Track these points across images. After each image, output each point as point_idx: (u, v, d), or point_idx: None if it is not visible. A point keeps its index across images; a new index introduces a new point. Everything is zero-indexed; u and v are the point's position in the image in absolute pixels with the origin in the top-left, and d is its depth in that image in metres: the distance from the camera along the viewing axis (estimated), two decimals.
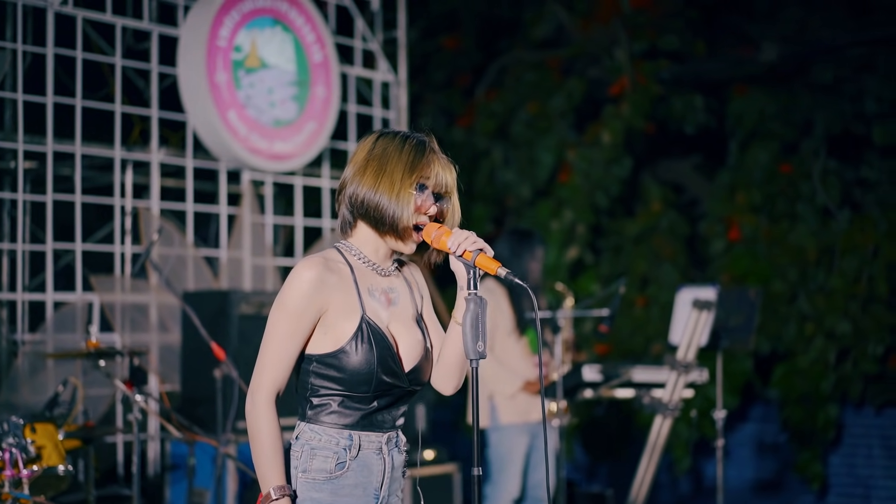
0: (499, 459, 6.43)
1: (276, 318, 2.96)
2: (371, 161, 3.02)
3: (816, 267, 8.74)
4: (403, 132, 3.10)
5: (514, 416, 6.37)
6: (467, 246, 2.93)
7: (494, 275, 2.94)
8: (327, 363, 2.97)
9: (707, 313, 6.18)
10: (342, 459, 2.98)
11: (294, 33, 7.34)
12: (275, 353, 2.96)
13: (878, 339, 8.28)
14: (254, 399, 2.95)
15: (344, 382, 2.97)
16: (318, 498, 2.97)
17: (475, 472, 2.90)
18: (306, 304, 2.95)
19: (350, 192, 3.04)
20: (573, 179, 9.47)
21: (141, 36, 7.05)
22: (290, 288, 2.96)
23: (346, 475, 2.98)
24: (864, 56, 9.01)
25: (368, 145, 3.06)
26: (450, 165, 3.10)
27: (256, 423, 2.93)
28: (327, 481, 2.97)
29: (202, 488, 5.99)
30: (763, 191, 9.13)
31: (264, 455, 2.92)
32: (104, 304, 6.50)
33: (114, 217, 6.71)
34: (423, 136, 3.09)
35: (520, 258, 6.43)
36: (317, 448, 2.98)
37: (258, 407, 2.93)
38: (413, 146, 3.04)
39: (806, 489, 8.52)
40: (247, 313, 6.25)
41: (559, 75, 10.02)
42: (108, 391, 6.25)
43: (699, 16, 9.79)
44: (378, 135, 3.09)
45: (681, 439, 8.67)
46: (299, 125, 7.33)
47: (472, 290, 2.92)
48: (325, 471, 2.97)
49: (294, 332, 2.96)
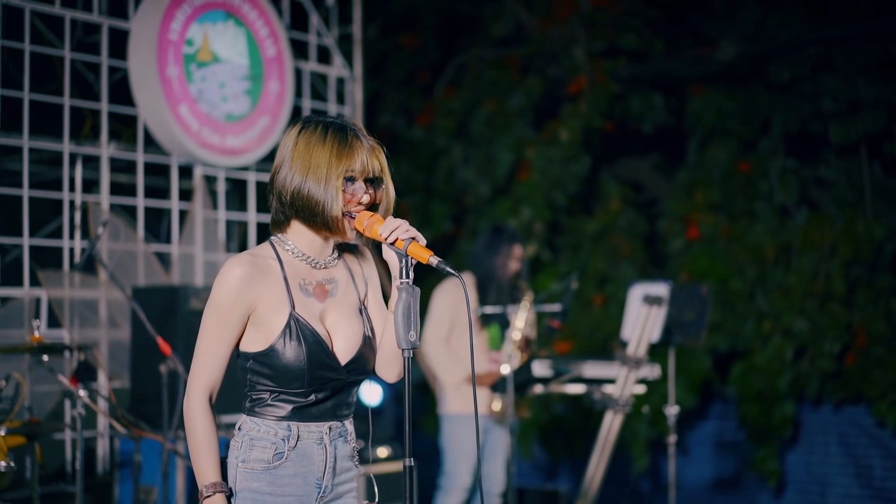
0: (450, 449, 6.52)
1: (206, 316, 2.98)
2: (296, 154, 3.00)
3: (774, 265, 8.77)
4: (325, 119, 3.06)
5: (459, 406, 6.43)
6: (399, 234, 2.90)
7: (426, 263, 2.91)
8: (260, 361, 2.98)
9: (658, 309, 6.17)
10: (280, 450, 2.98)
11: (247, 27, 7.29)
12: (206, 352, 2.98)
13: (835, 337, 8.31)
14: (188, 398, 2.97)
15: (277, 379, 2.97)
16: (256, 487, 2.97)
17: (406, 463, 2.88)
18: (233, 302, 2.95)
19: (278, 186, 3.02)
20: (532, 177, 9.47)
21: (91, 29, 6.97)
22: (217, 286, 2.96)
23: (285, 465, 2.98)
24: (821, 55, 9.04)
25: (292, 138, 3.03)
26: (377, 148, 3.06)
27: (191, 421, 2.96)
28: (265, 471, 2.97)
29: (149, 485, 5.93)
30: (721, 189, 9.15)
31: (199, 452, 2.95)
32: (52, 299, 6.43)
33: (63, 212, 6.63)
34: (344, 122, 3.06)
35: (489, 253, 6.49)
36: (255, 438, 2.98)
37: (192, 405, 2.96)
38: (335, 134, 3.00)
39: (763, 486, 8.54)
40: (198, 309, 6.19)
41: (518, 73, 10.02)
42: (56, 387, 6.17)
43: (658, 15, 9.80)
44: (301, 126, 3.05)
45: (638, 438, 8.67)
46: (252, 120, 7.27)
47: (404, 280, 2.90)
48: (264, 461, 2.97)
49: (223, 330, 2.97)
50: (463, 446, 6.44)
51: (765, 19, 9.37)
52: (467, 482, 6.47)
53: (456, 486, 6.47)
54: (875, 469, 8.12)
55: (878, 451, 8.11)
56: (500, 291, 6.49)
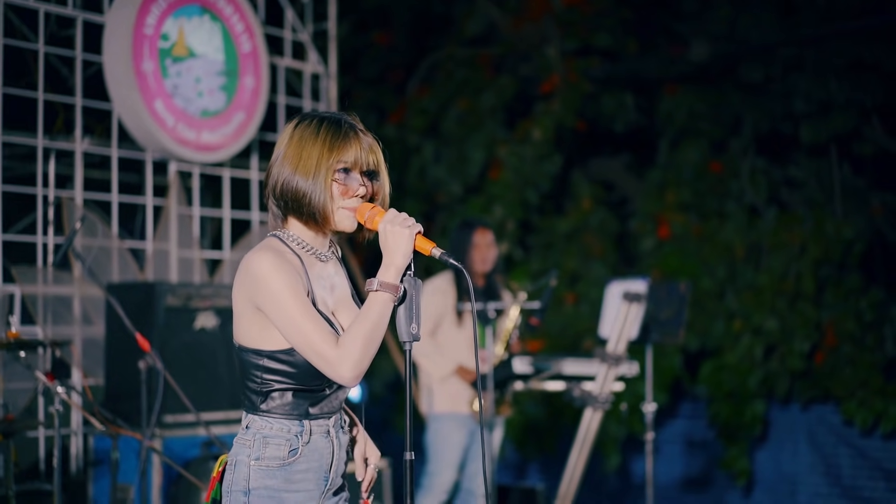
0: (433, 449, 6.50)
1: (284, 300, 2.85)
2: (289, 148, 2.97)
3: (744, 264, 8.83)
4: (322, 114, 3.04)
5: (446, 405, 6.41)
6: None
7: (429, 255, 2.91)
8: (279, 359, 2.92)
9: (637, 306, 6.18)
10: (294, 446, 2.95)
11: (223, 22, 7.23)
12: (311, 324, 2.85)
13: (805, 336, 8.38)
14: (340, 363, 2.83)
15: (296, 377, 2.92)
16: (272, 485, 2.94)
17: (407, 457, 2.87)
18: (295, 275, 2.89)
19: (273, 182, 2.99)
20: (504, 176, 9.47)
21: (65, 22, 6.88)
22: (269, 273, 2.86)
23: (299, 461, 2.96)
24: (792, 56, 9.11)
25: (288, 133, 3.01)
26: (373, 142, 3.03)
27: (359, 354, 2.83)
28: (281, 468, 2.94)
29: (126, 483, 5.87)
30: (692, 189, 9.20)
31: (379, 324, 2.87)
32: (25, 295, 6.35)
33: (36, 207, 6.55)
34: (340, 116, 3.03)
35: (460, 247, 6.48)
36: (269, 436, 2.94)
37: (345, 361, 2.82)
38: (329, 127, 2.97)
39: (733, 485, 8.58)
40: (173, 305, 6.15)
41: (490, 72, 10.02)
42: (30, 384, 6.10)
43: (630, 14, 9.84)
44: (297, 121, 3.03)
45: (610, 436, 8.69)
46: (227, 115, 7.22)
47: (407, 272, 2.90)
48: (279, 458, 2.93)
49: (306, 299, 2.88)
50: (450, 446, 6.43)
51: (736, 20, 9.43)
52: (451, 482, 6.45)
53: (439, 485, 6.46)
54: (843, 467, 8.18)
55: (846, 449, 8.17)
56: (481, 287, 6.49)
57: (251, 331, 2.93)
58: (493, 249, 6.55)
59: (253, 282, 2.88)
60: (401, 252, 2.89)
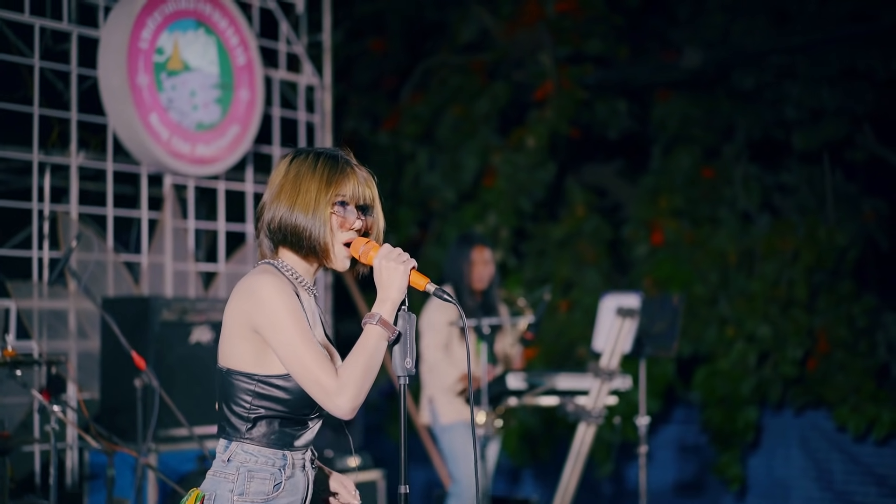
0: (451, 457, 6.58)
1: (286, 325, 2.84)
2: (286, 184, 2.98)
3: (737, 271, 8.86)
4: (317, 149, 3.05)
5: (454, 414, 6.51)
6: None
7: (423, 290, 2.94)
8: (272, 384, 2.92)
9: (630, 320, 6.21)
10: (278, 480, 2.94)
11: (217, 36, 7.25)
12: (313, 350, 2.85)
13: (797, 343, 8.41)
14: (338, 393, 2.82)
15: (289, 404, 2.92)
16: None
17: (402, 491, 2.90)
18: (292, 298, 2.88)
19: (268, 217, 3.00)
20: (497, 183, 9.50)
21: (60, 37, 6.90)
22: (272, 296, 2.86)
23: (281, 495, 2.95)
24: (785, 63, 9.14)
25: (283, 168, 3.02)
26: (368, 177, 3.06)
27: (357, 394, 2.83)
28: (264, 503, 2.93)
29: (121, 499, 5.89)
30: (685, 195, 9.23)
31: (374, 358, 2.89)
32: (21, 310, 6.36)
33: (31, 222, 6.56)
34: (336, 151, 3.05)
35: (458, 262, 6.61)
36: (254, 470, 2.93)
37: (344, 392, 2.82)
38: (326, 162, 2.99)
39: (725, 490, 8.61)
40: (168, 320, 6.16)
41: (484, 79, 10.04)
42: (25, 400, 6.11)
43: (623, 21, 9.86)
44: (292, 156, 3.04)
45: (603, 443, 8.72)
46: (222, 129, 7.24)
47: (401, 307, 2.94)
48: (263, 493, 2.93)
49: (305, 322, 2.88)
50: (467, 450, 6.50)
51: (729, 27, 9.46)
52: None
53: (468, 490, 6.50)
54: (836, 473, 8.22)
55: (838, 455, 8.21)
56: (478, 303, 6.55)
57: (245, 354, 2.92)
58: (490, 266, 6.66)
59: (254, 303, 2.87)
60: (395, 287, 2.92)
